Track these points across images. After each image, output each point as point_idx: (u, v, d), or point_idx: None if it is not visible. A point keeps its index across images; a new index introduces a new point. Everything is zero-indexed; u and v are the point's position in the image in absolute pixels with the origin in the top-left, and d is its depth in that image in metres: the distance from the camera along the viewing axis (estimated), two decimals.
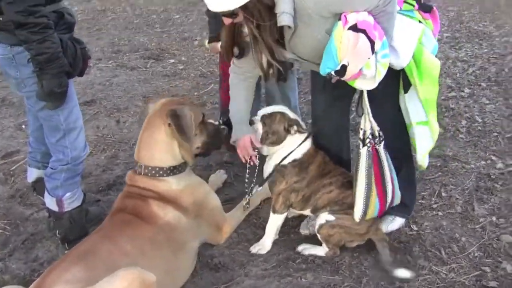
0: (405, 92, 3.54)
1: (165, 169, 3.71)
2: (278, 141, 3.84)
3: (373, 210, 3.61)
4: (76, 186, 4.03)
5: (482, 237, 3.95)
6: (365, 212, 3.60)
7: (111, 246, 3.33)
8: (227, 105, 4.67)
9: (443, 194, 4.45)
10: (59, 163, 3.88)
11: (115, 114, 6.22)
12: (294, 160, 3.82)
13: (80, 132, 3.90)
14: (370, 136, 3.48)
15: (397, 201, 3.74)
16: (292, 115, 3.88)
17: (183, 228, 3.68)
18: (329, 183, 3.80)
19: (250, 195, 4.11)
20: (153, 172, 3.70)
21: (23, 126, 6.00)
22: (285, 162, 3.82)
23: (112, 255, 3.26)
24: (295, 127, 3.79)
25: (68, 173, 3.91)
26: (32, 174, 4.40)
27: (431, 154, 4.33)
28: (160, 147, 3.71)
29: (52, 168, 3.92)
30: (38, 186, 4.37)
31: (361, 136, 3.52)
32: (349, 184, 3.73)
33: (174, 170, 3.75)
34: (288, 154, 3.80)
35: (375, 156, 3.52)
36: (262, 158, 3.97)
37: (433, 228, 4.05)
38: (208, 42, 4.64)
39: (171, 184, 3.73)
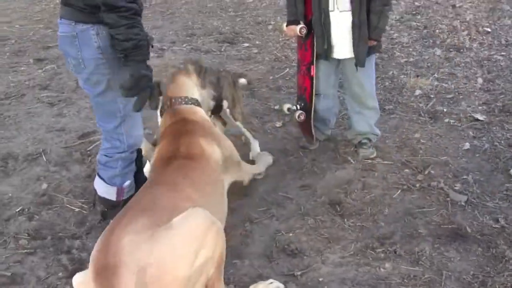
0: None
1: (194, 99, 4.01)
2: None
3: None
4: (132, 174, 3.99)
5: None
6: None
7: (172, 194, 3.30)
8: (303, 90, 4.64)
9: None
10: (116, 151, 3.81)
11: None
12: None
13: (137, 119, 3.84)
14: None
15: None
16: None
17: (217, 161, 3.78)
18: None
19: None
20: (186, 100, 3.97)
21: None
22: None
23: (176, 202, 3.20)
24: None
25: (125, 161, 3.85)
26: None
27: None
28: (187, 81, 4.10)
29: (107, 156, 3.84)
30: None
31: None
32: None
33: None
34: None
35: None
36: None
37: None
38: (286, 25, 4.57)
39: (203, 113, 3.97)
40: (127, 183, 3.90)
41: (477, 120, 5.35)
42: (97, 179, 3.95)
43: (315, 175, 4.57)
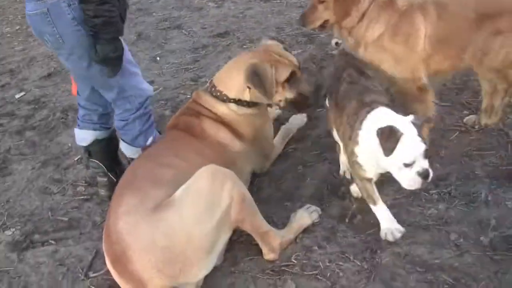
0: None
1: (230, 97, 3.70)
2: None
3: None
4: (153, 128, 3.95)
5: None
6: None
7: (155, 164, 3.32)
8: None
9: None
10: (129, 113, 3.77)
11: (248, 45, 6.16)
12: None
13: (137, 73, 3.78)
14: None
15: None
16: None
17: (236, 152, 3.69)
18: None
19: None
20: (218, 94, 3.70)
21: (158, 58, 6.13)
22: None
23: (154, 170, 3.25)
24: None
25: (142, 119, 3.82)
26: (88, 136, 4.07)
27: None
28: (234, 84, 3.68)
29: (122, 120, 3.80)
30: (94, 149, 4.08)
31: None
32: None
33: (238, 102, 3.71)
34: None
35: None
36: None
37: None
38: None
39: (230, 110, 3.71)
40: (150, 139, 3.86)
41: None
42: (122, 143, 3.92)
43: None
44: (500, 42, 3.63)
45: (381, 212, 3.31)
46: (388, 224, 3.28)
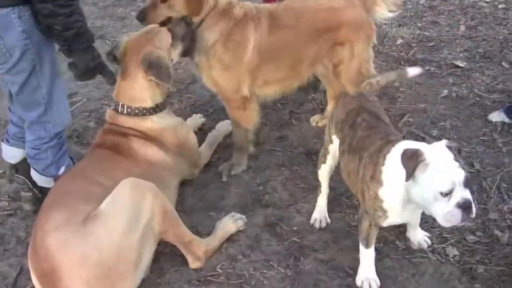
0: None
1: (148, 108, 3.66)
2: None
3: None
4: (66, 156, 3.82)
5: None
6: None
7: (82, 181, 3.27)
8: None
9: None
10: (42, 142, 3.60)
11: None
12: None
13: (64, 103, 3.67)
14: None
15: None
16: None
17: (164, 166, 3.65)
18: None
19: None
20: (136, 111, 3.64)
21: None
22: None
23: (82, 188, 3.20)
24: None
25: (54, 149, 3.66)
26: (18, 154, 3.91)
27: None
28: (140, 90, 3.63)
29: (34, 149, 3.64)
30: (22, 166, 3.92)
31: None
32: None
33: (156, 109, 3.70)
34: None
35: None
36: None
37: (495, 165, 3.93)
38: None
39: (153, 123, 3.68)
40: (63, 168, 3.74)
41: (458, 67, 5.30)
42: (32, 171, 3.79)
43: (292, 126, 4.57)
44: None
45: (368, 257, 3.05)
46: (368, 273, 3.06)
